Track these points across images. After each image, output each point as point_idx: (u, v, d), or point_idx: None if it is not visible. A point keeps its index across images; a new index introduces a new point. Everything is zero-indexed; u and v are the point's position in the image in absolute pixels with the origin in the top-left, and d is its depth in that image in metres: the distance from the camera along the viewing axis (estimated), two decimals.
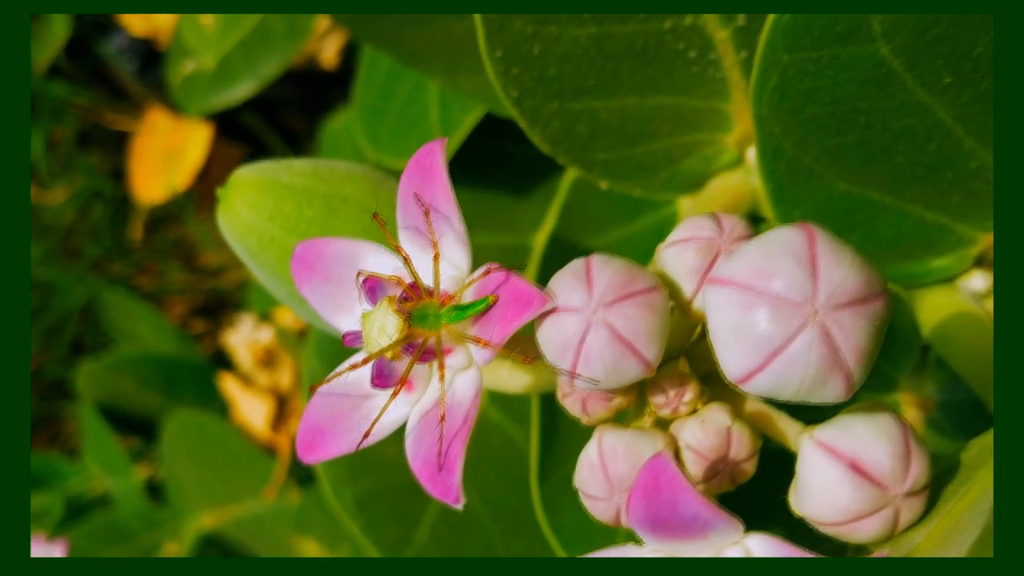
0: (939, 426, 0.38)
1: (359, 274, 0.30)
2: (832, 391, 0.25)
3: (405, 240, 0.30)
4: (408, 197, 0.30)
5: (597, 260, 0.27)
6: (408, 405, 0.30)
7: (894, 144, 0.34)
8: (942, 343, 0.36)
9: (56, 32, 1.36)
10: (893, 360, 0.37)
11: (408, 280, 0.29)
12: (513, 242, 0.65)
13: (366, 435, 0.29)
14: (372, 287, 0.29)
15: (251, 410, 1.19)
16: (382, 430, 0.30)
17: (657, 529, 0.26)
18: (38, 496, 1.30)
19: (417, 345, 0.28)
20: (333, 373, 0.30)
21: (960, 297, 0.37)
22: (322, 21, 1.15)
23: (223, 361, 1.29)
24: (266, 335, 1.22)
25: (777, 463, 0.30)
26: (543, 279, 0.50)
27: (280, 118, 1.49)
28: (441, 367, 0.28)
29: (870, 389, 0.37)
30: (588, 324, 0.26)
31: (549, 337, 0.27)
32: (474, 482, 0.60)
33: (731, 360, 0.25)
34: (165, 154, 1.47)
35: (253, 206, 0.38)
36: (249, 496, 1.15)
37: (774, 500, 0.30)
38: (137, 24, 1.37)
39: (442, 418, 0.28)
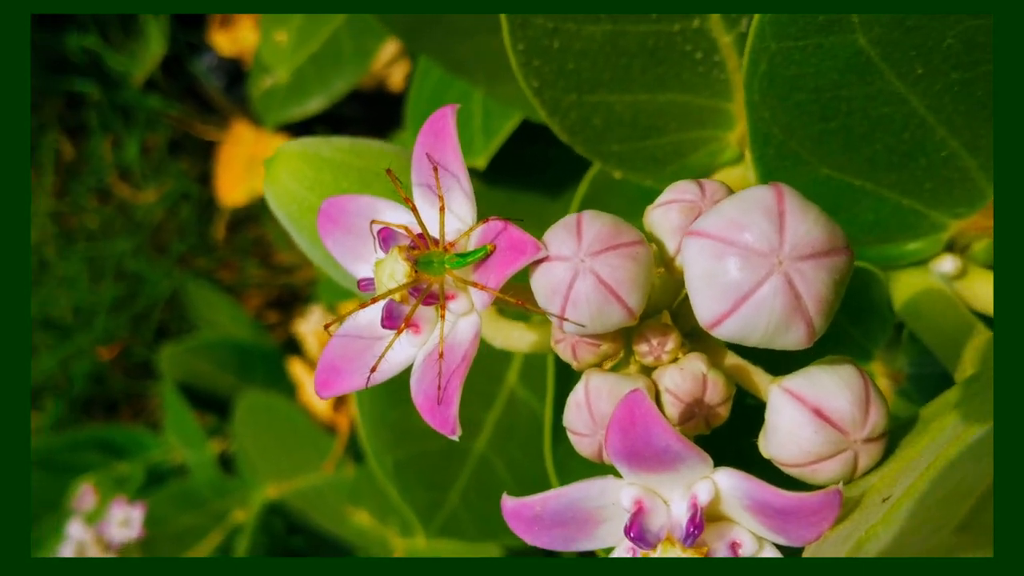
0: (908, 396, 0.37)
1: (373, 223, 0.30)
2: (794, 336, 0.25)
3: (418, 196, 0.30)
4: (421, 157, 0.30)
5: (588, 215, 0.27)
6: (415, 347, 0.30)
7: (872, 131, 0.33)
8: (913, 319, 0.36)
9: (153, 50, 1.38)
10: (869, 334, 0.37)
11: (417, 231, 0.29)
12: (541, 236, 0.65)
13: (373, 370, 0.29)
14: (385, 237, 0.30)
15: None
16: (391, 368, 0.30)
17: (632, 461, 0.26)
18: (122, 464, 1.31)
19: (422, 289, 0.28)
20: (347, 312, 0.30)
21: (932, 278, 0.37)
22: (389, 47, 1.16)
23: (293, 348, 1.30)
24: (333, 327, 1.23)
25: (752, 417, 0.30)
26: None
27: (349, 134, 1.50)
28: (442, 308, 0.28)
29: None
30: (576, 271, 0.27)
31: (541, 283, 0.27)
32: (502, 453, 0.60)
33: (703, 305, 0.25)
34: (247, 162, 1.48)
35: (295, 175, 0.38)
36: (310, 469, 1.15)
37: (746, 446, 0.29)
38: (226, 45, 1.39)
39: (441, 355, 0.28)
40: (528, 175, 0.66)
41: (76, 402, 1.60)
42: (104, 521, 1.05)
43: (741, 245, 0.25)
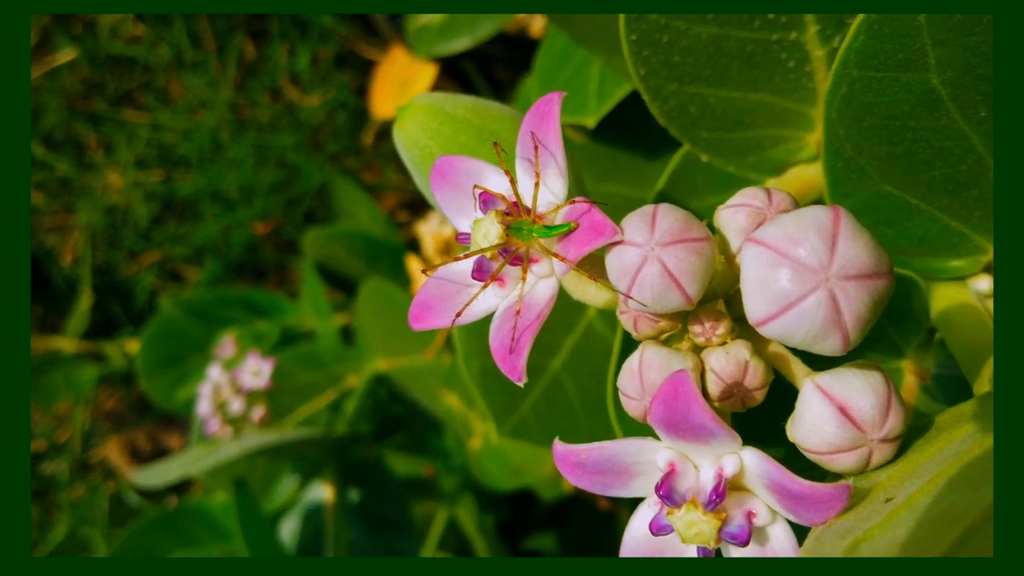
0: (931, 393, 0.36)
1: (475, 187, 0.30)
2: (831, 345, 0.24)
3: (519, 168, 0.30)
4: (527, 134, 0.29)
5: (664, 208, 0.27)
6: (499, 298, 0.29)
7: (933, 160, 0.32)
8: (945, 328, 0.35)
9: None
10: (904, 335, 0.36)
11: (513, 199, 0.29)
12: (637, 195, 0.64)
13: (458, 314, 0.29)
14: (485, 200, 0.29)
15: None
16: (475, 313, 0.30)
17: (671, 430, 0.26)
18: (261, 323, 1.34)
19: (510, 251, 0.28)
20: (443, 261, 0.30)
21: (968, 294, 0.35)
22: None
23: (414, 246, 1.31)
24: (448, 230, 1.23)
25: (788, 398, 0.29)
26: None
27: (491, 69, 1.49)
28: (524, 271, 0.28)
29: (880, 353, 0.36)
30: (645, 257, 0.26)
31: (613, 263, 0.27)
32: (573, 375, 0.60)
33: (753, 305, 0.25)
34: (399, 82, 1.48)
35: (421, 125, 0.38)
36: (415, 352, 1.16)
37: (777, 426, 0.29)
38: None
39: (518, 312, 0.28)
40: (631, 137, 0.64)
41: (231, 265, 1.64)
42: (239, 369, 1.08)
43: (794, 258, 0.24)
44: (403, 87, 1.47)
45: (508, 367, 0.28)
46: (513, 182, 0.29)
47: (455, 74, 1.48)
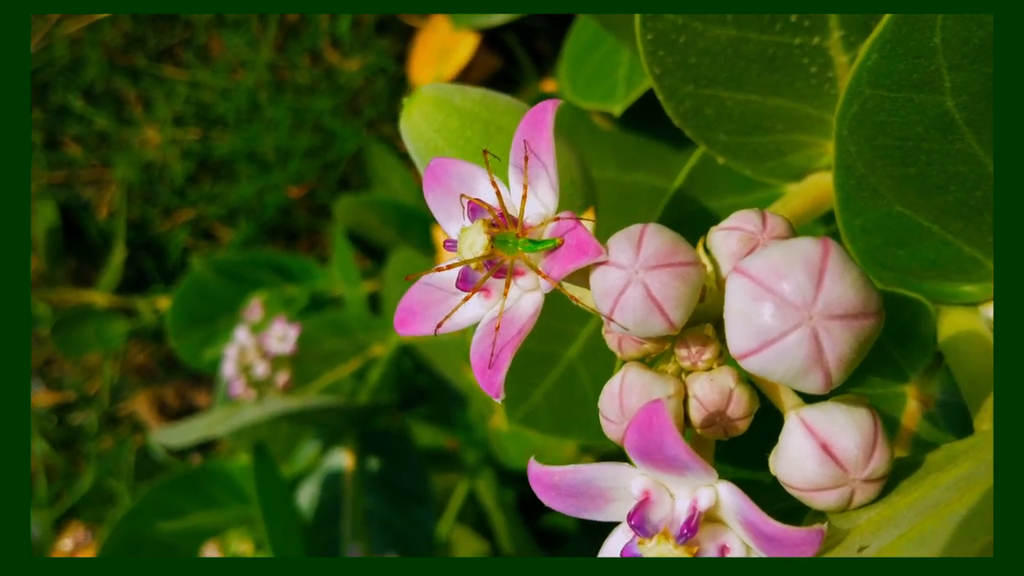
0: (934, 420, 0.35)
1: (462, 196, 0.29)
2: (812, 384, 0.24)
3: (512, 175, 0.29)
4: (520, 141, 0.29)
5: (651, 229, 0.26)
6: (484, 308, 0.29)
7: (947, 184, 0.31)
8: (951, 355, 0.34)
9: None
10: (909, 358, 0.35)
11: (499, 210, 0.28)
12: (663, 185, 0.63)
13: (439, 325, 0.29)
14: (473, 208, 0.28)
15: None
16: (459, 323, 0.29)
17: (645, 459, 0.25)
18: (291, 287, 1.34)
19: (495, 263, 0.27)
20: (429, 270, 0.30)
21: (978, 321, 0.34)
22: None
23: None
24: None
25: (776, 426, 0.28)
26: (663, 221, 0.49)
27: (533, 41, 1.48)
28: (507, 285, 0.27)
29: (883, 376, 0.35)
30: (628, 280, 0.25)
31: (597, 284, 0.26)
32: (588, 364, 0.60)
33: (734, 338, 0.24)
34: (439, 51, 1.47)
35: (427, 117, 0.37)
36: None
37: (764, 453, 0.28)
38: None
39: (497, 327, 0.27)
40: (657, 127, 0.63)
41: (264, 227, 1.64)
42: (265, 333, 1.08)
43: (778, 293, 0.23)
44: (443, 55, 1.45)
45: (486, 383, 0.27)
46: (499, 194, 0.28)
47: (496, 45, 1.47)
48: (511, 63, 1.48)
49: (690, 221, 0.49)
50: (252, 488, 1.06)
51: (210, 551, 0.98)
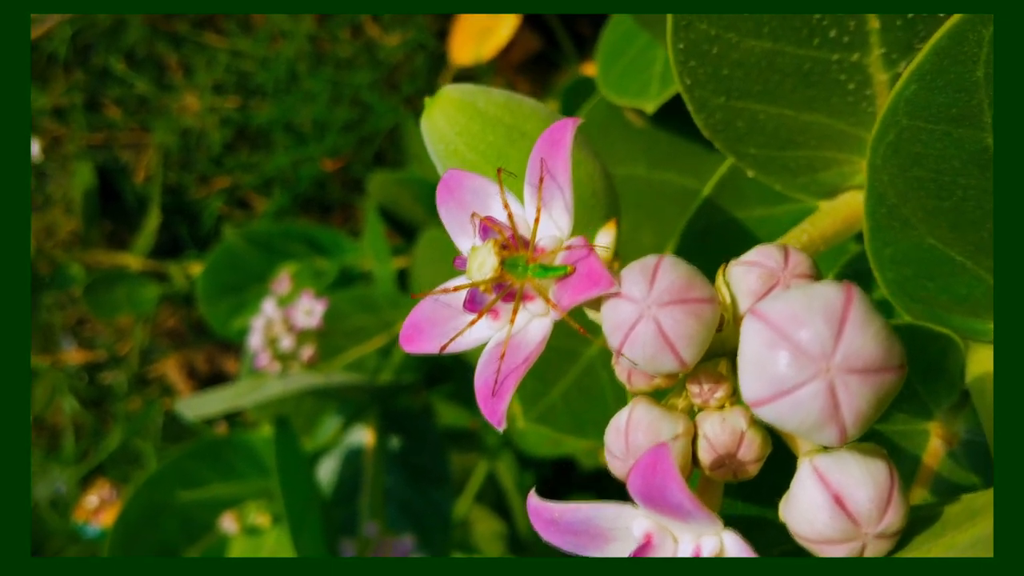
0: (958, 459, 0.33)
1: (473, 215, 0.28)
2: (827, 437, 0.22)
3: (527, 194, 0.28)
4: (536, 160, 0.27)
5: (667, 262, 0.24)
6: (492, 330, 0.28)
7: (983, 221, 0.29)
8: (977, 395, 0.32)
9: None
10: (934, 395, 0.33)
11: (511, 231, 0.27)
12: (694, 185, 0.61)
13: (443, 347, 0.27)
14: (485, 227, 0.27)
15: None
16: (464, 343, 0.28)
17: (648, 503, 0.24)
18: (321, 260, 1.34)
19: (504, 286, 0.26)
20: (438, 288, 0.28)
21: None
22: None
23: None
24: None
25: (789, 470, 0.27)
26: (689, 233, 0.47)
27: (574, 23, 1.46)
28: (514, 312, 0.26)
29: (906, 412, 0.33)
30: (640, 315, 0.24)
31: (608, 316, 0.25)
32: (608, 365, 0.58)
33: (747, 384, 0.23)
34: (481, 29, 1.45)
35: (448, 119, 0.36)
36: None
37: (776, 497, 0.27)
38: None
39: (502, 356, 0.26)
40: (691, 127, 0.61)
41: (298, 199, 1.64)
42: (292, 306, 1.07)
43: (795, 342, 0.22)
44: (484, 34, 1.44)
45: (489, 411, 0.26)
46: (510, 216, 0.27)
47: (538, 26, 1.45)
48: (552, 44, 1.46)
49: (717, 231, 0.47)
50: (273, 461, 1.06)
51: (228, 522, 0.98)
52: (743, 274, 0.26)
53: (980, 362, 0.33)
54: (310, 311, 1.08)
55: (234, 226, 1.52)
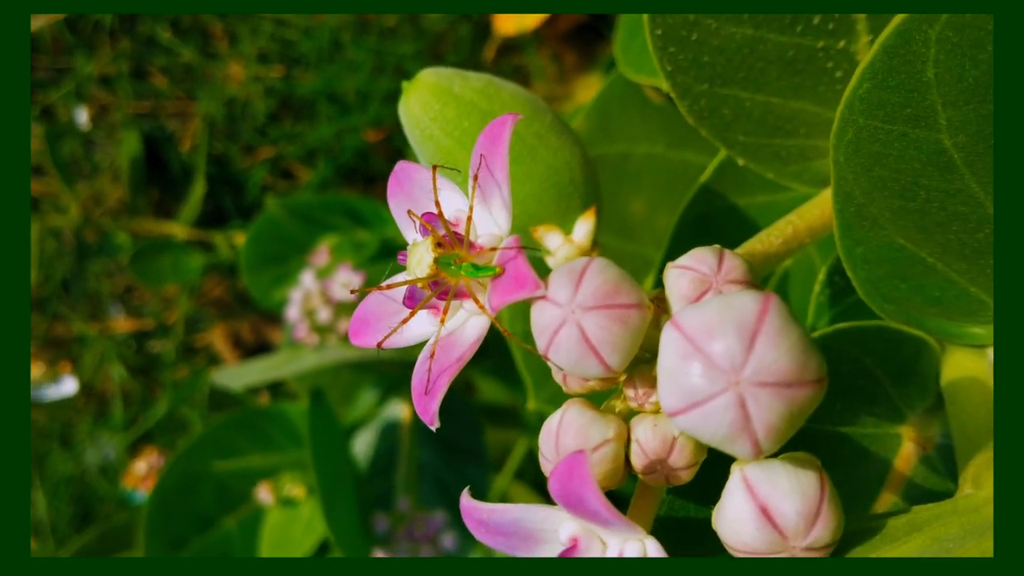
0: (932, 464, 0.33)
1: (409, 213, 0.28)
2: (741, 450, 0.22)
3: (470, 190, 0.28)
4: (477, 155, 0.27)
5: (595, 265, 0.24)
6: (433, 326, 0.28)
7: (948, 222, 0.29)
8: (950, 399, 0.32)
9: None
10: (907, 398, 0.33)
11: (453, 225, 0.27)
12: (699, 162, 0.61)
13: (380, 343, 0.28)
14: (424, 224, 0.27)
15: None
16: (406, 339, 0.28)
17: (568, 508, 0.24)
18: (363, 232, 1.34)
19: (440, 284, 0.26)
20: (381, 284, 0.29)
21: (984, 365, 0.32)
22: None
23: None
24: None
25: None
26: (687, 219, 0.47)
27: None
28: (444, 311, 0.26)
29: (877, 416, 0.33)
30: (564, 320, 0.24)
31: (535, 318, 0.25)
32: None
33: (664, 394, 0.23)
34: None
35: (423, 105, 0.36)
36: None
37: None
38: None
39: (432, 354, 0.26)
40: None
41: (341, 169, 1.65)
42: (330, 278, 1.09)
43: (707, 354, 0.21)
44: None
45: (421, 409, 0.26)
46: (441, 216, 0.27)
47: None
48: (598, 15, 1.45)
49: (717, 217, 0.47)
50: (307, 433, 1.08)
51: (263, 493, 0.99)
52: (676, 278, 0.26)
53: (955, 366, 0.32)
54: (348, 283, 1.09)
55: (278, 196, 1.53)
